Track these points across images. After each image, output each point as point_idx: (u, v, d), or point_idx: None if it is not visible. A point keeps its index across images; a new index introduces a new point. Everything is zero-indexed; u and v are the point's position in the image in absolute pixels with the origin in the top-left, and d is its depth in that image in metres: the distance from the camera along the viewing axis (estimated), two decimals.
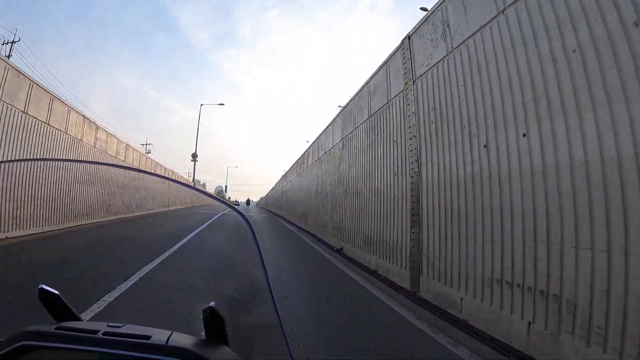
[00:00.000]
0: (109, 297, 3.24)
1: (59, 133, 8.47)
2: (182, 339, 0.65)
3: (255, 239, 0.67)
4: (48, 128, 7.91)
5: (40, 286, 0.69)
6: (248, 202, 54.94)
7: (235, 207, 0.88)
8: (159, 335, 0.64)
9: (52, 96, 8.08)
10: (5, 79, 6.33)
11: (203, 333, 0.68)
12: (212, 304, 0.66)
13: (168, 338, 0.63)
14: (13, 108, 6.62)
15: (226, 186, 63.08)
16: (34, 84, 7.29)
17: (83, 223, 9.96)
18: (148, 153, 34.94)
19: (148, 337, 0.63)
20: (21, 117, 6.89)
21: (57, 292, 0.71)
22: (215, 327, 0.67)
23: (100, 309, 2.97)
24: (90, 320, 0.83)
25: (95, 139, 10.98)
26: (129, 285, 3.66)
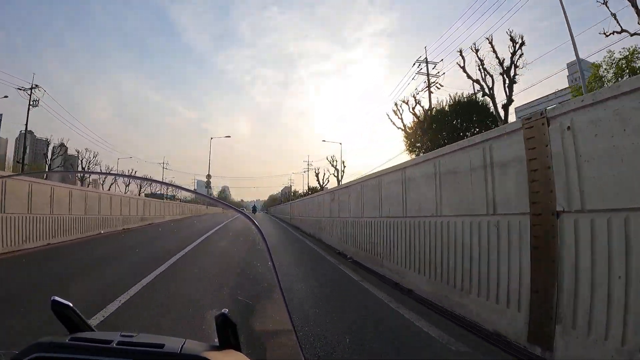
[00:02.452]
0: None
1: None
2: (195, 347, 0.64)
3: (266, 244, 0.66)
4: None
5: (52, 298, 0.69)
6: (254, 208, 44.21)
7: (242, 211, 0.87)
8: (172, 344, 0.64)
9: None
10: None
11: (216, 339, 0.67)
12: (224, 310, 0.66)
13: (181, 346, 0.63)
14: None
15: (209, 178, 34.81)
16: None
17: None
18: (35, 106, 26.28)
19: (161, 346, 0.63)
20: None
21: (69, 303, 0.71)
22: (228, 334, 0.67)
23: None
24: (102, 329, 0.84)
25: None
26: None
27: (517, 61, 15.24)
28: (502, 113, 15.72)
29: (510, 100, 15.46)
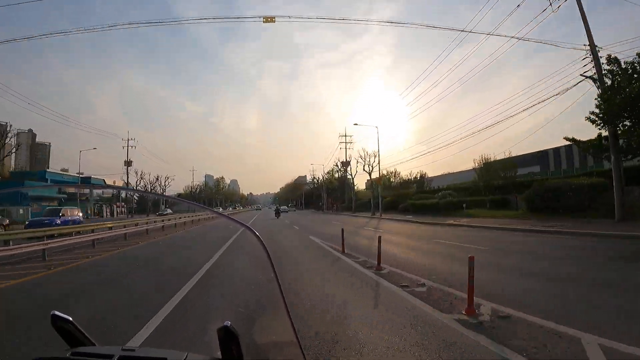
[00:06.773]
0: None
1: None
2: None
3: (267, 252, 0.65)
4: None
5: (52, 312, 0.68)
6: (277, 211, 35.80)
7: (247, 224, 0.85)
8: (174, 357, 0.63)
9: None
10: None
11: (219, 353, 0.66)
12: (227, 323, 0.65)
13: None
14: None
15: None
16: None
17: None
18: None
19: None
20: None
21: (69, 317, 0.70)
22: (231, 346, 0.66)
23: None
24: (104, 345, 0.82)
25: None
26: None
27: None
28: None
29: None
